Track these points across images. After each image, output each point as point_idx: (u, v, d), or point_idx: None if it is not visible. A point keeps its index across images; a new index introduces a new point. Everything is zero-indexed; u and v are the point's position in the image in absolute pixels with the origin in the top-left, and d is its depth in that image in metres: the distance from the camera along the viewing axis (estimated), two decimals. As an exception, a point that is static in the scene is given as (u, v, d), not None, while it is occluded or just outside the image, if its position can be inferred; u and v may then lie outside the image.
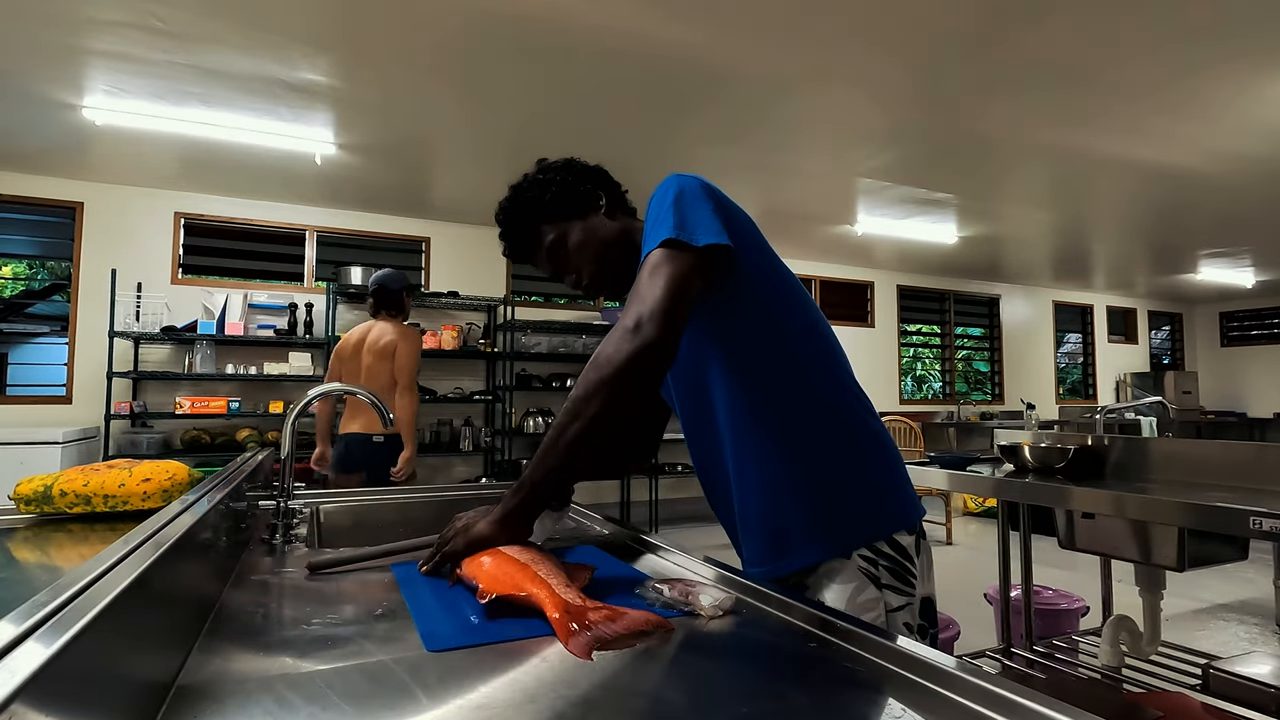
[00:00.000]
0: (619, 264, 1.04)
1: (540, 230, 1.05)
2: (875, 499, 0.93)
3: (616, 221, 1.06)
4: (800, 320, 0.97)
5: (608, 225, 1.04)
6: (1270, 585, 2.99)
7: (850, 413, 0.96)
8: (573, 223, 1.04)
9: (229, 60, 2.89)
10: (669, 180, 0.93)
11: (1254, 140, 3.75)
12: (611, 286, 1.06)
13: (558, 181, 1.05)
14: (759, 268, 0.94)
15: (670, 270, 0.83)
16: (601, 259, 1.04)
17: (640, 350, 0.80)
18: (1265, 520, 1.23)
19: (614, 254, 1.04)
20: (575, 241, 1.03)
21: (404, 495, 1.56)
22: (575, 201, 1.04)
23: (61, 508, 1.04)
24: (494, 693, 0.54)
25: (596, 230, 1.04)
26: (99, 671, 0.41)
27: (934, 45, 2.82)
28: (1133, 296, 9.13)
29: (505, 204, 1.07)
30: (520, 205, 1.06)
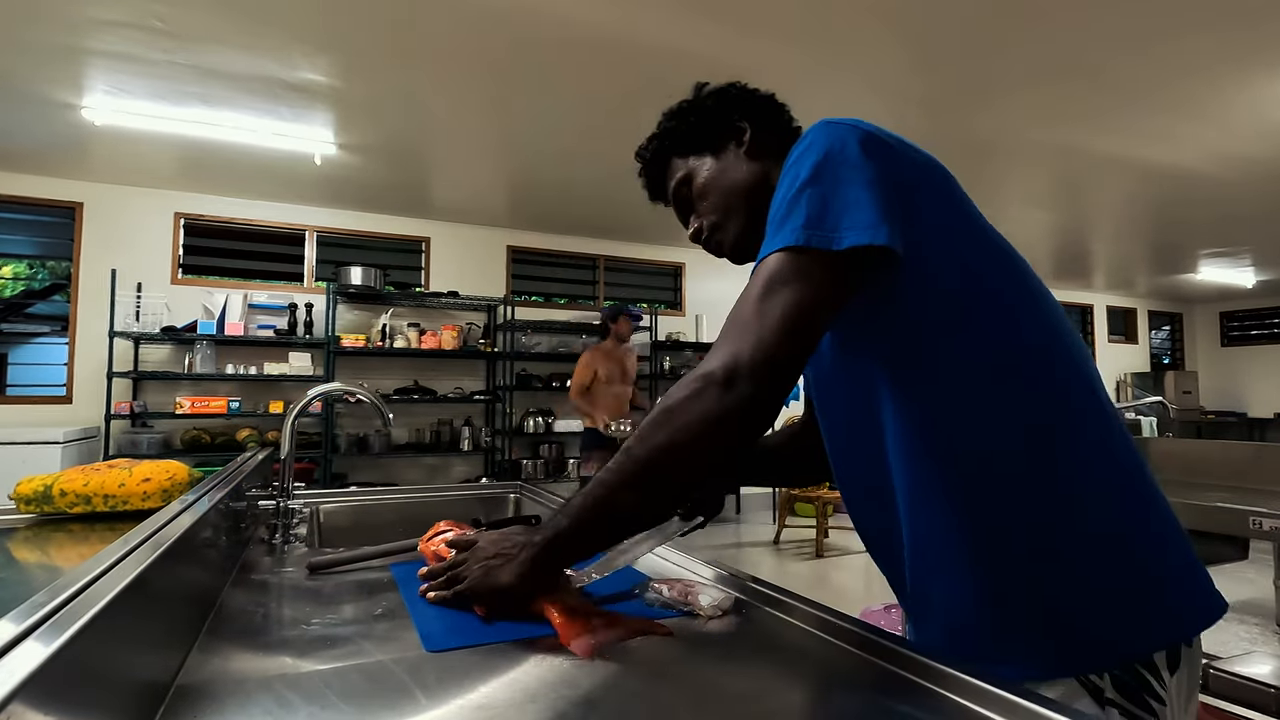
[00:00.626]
0: (749, 218, 0.80)
1: (670, 164, 0.87)
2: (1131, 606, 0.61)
3: (760, 165, 0.80)
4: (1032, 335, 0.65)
5: (745, 167, 0.81)
6: (1270, 585, 2.99)
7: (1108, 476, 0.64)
8: (704, 159, 0.83)
9: (229, 60, 2.89)
10: (815, 132, 0.66)
11: (1254, 140, 3.75)
12: (734, 243, 0.83)
13: (698, 108, 0.85)
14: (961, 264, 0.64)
15: (791, 297, 0.60)
16: (727, 209, 0.81)
17: (730, 414, 0.60)
18: (1265, 520, 1.24)
19: (744, 204, 0.80)
20: (701, 183, 0.83)
21: (404, 495, 1.56)
22: (713, 133, 0.83)
23: (61, 508, 1.04)
24: (494, 692, 0.54)
25: (728, 172, 0.81)
26: (99, 671, 0.41)
27: (934, 45, 2.82)
28: (1133, 296, 9.13)
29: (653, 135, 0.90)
30: (658, 135, 0.88)
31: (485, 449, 5.27)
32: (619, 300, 6.22)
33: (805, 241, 0.60)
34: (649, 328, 5.86)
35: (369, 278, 4.80)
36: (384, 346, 4.93)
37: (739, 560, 4.31)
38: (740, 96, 0.84)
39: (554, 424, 5.41)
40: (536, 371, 5.54)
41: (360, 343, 4.88)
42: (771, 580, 0.79)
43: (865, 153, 0.63)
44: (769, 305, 0.60)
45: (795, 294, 0.60)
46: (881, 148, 0.64)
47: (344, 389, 1.31)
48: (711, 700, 0.55)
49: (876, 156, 0.63)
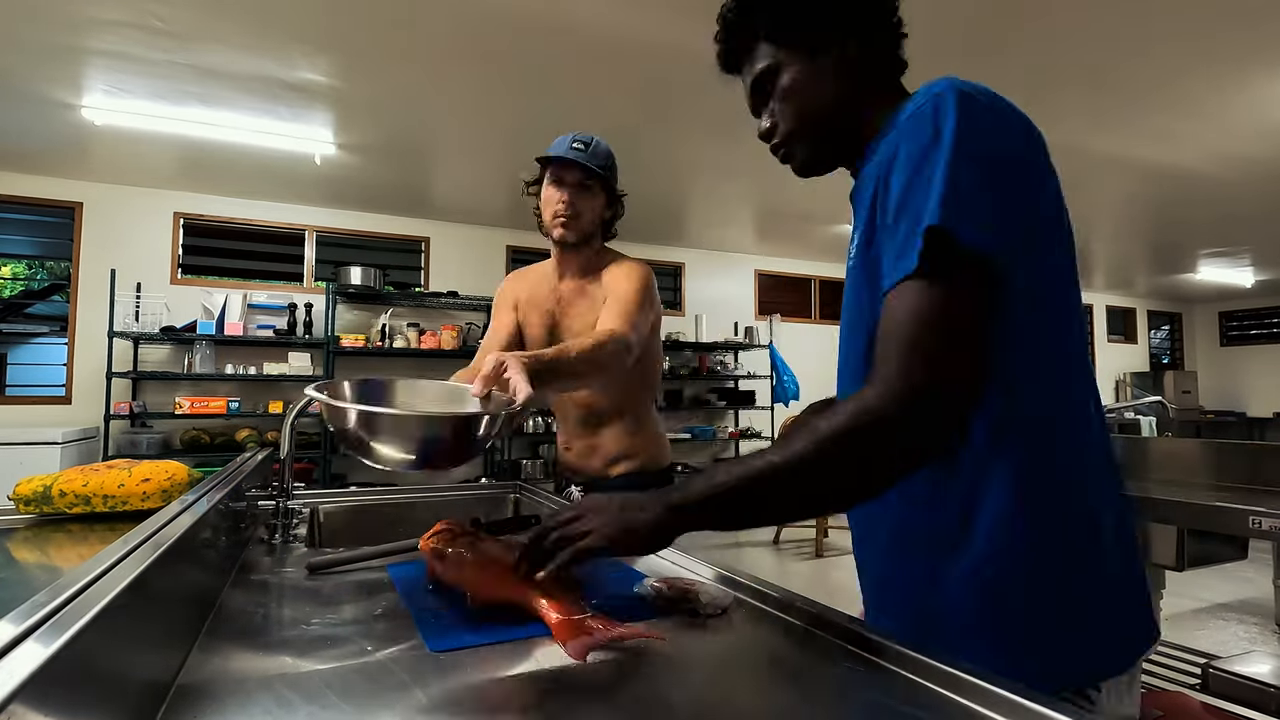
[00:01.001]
0: (830, 137, 0.77)
1: (756, 47, 0.78)
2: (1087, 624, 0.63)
3: (857, 81, 0.75)
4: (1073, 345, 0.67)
5: (839, 81, 0.75)
6: (1270, 584, 2.99)
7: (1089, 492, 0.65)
8: (796, 56, 0.75)
9: (229, 60, 2.89)
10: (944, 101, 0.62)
11: (1253, 139, 3.75)
12: (806, 161, 0.80)
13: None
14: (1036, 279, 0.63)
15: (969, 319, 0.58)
16: (807, 120, 0.77)
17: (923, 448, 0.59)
18: (1264, 520, 1.24)
19: (829, 123, 0.76)
20: (788, 82, 0.76)
21: (403, 495, 1.56)
22: (813, 29, 0.75)
23: (61, 508, 1.04)
24: (494, 692, 0.54)
25: (820, 81, 0.75)
26: (99, 671, 0.41)
27: (933, 46, 2.82)
28: (1132, 296, 9.13)
29: None
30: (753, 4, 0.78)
31: (485, 449, 5.26)
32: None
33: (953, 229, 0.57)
34: (649, 328, 5.85)
35: (369, 278, 4.80)
36: (384, 346, 4.93)
37: (739, 560, 4.32)
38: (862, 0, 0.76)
39: (554, 424, 5.40)
40: (536, 371, 5.53)
41: (360, 343, 4.88)
42: (771, 580, 0.79)
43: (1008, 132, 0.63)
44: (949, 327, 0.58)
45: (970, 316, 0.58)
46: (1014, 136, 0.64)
47: (344, 389, 1.31)
48: (711, 700, 0.55)
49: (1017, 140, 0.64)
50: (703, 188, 4.71)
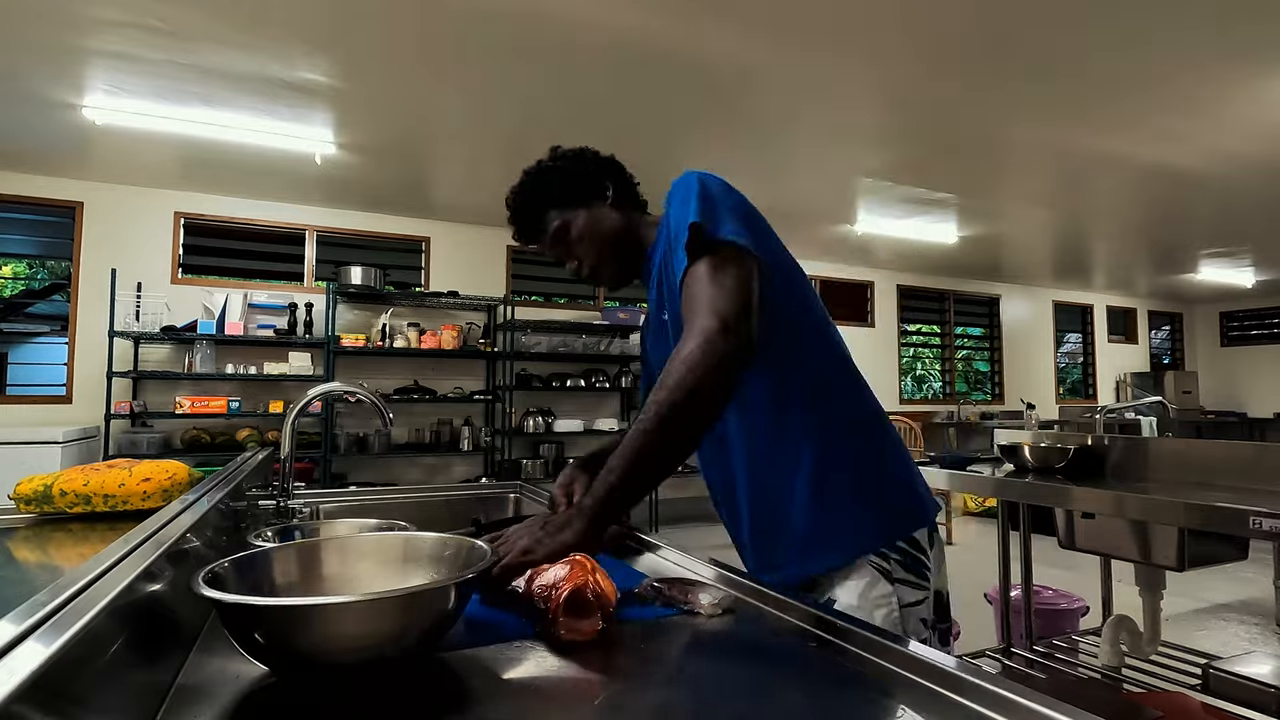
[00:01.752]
0: (621, 256, 1.05)
1: (546, 216, 1.05)
2: (895, 498, 0.93)
3: (622, 214, 1.06)
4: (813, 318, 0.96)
5: (613, 217, 1.05)
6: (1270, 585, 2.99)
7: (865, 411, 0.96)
8: (578, 211, 1.04)
9: (229, 60, 2.89)
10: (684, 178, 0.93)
11: (1254, 139, 3.75)
12: (611, 277, 1.07)
13: (566, 170, 1.06)
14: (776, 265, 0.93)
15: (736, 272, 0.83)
16: (603, 250, 1.04)
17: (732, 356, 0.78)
18: (1265, 520, 1.23)
19: (617, 246, 1.04)
20: (578, 230, 1.04)
21: (404, 495, 1.56)
22: (582, 190, 1.05)
23: (61, 507, 1.04)
24: (494, 692, 0.54)
25: (601, 221, 1.04)
26: (99, 671, 0.41)
27: (934, 46, 2.82)
28: (1133, 296, 9.13)
29: (516, 187, 1.08)
30: (529, 190, 1.06)
31: (485, 449, 5.27)
32: (619, 300, 6.23)
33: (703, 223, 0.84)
34: (649, 327, 5.86)
35: (369, 277, 4.80)
36: (384, 346, 4.93)
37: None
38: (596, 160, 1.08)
39: (554, 424, 5.41)
40: (536, 371, 5.54)
41: (360, 342, 4.88)
42: (771, 580, 0.79)
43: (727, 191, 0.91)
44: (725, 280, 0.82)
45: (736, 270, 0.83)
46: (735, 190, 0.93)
47: (344, 389, 1.31)
48: (711, 700, 0.55)
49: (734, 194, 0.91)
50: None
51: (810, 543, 0.91)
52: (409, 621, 0.54)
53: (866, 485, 0.92)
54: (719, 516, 1.06)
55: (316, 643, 0.51)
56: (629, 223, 1.05)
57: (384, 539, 0.73)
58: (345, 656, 0.52)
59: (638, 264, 1.07)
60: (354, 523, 1.04)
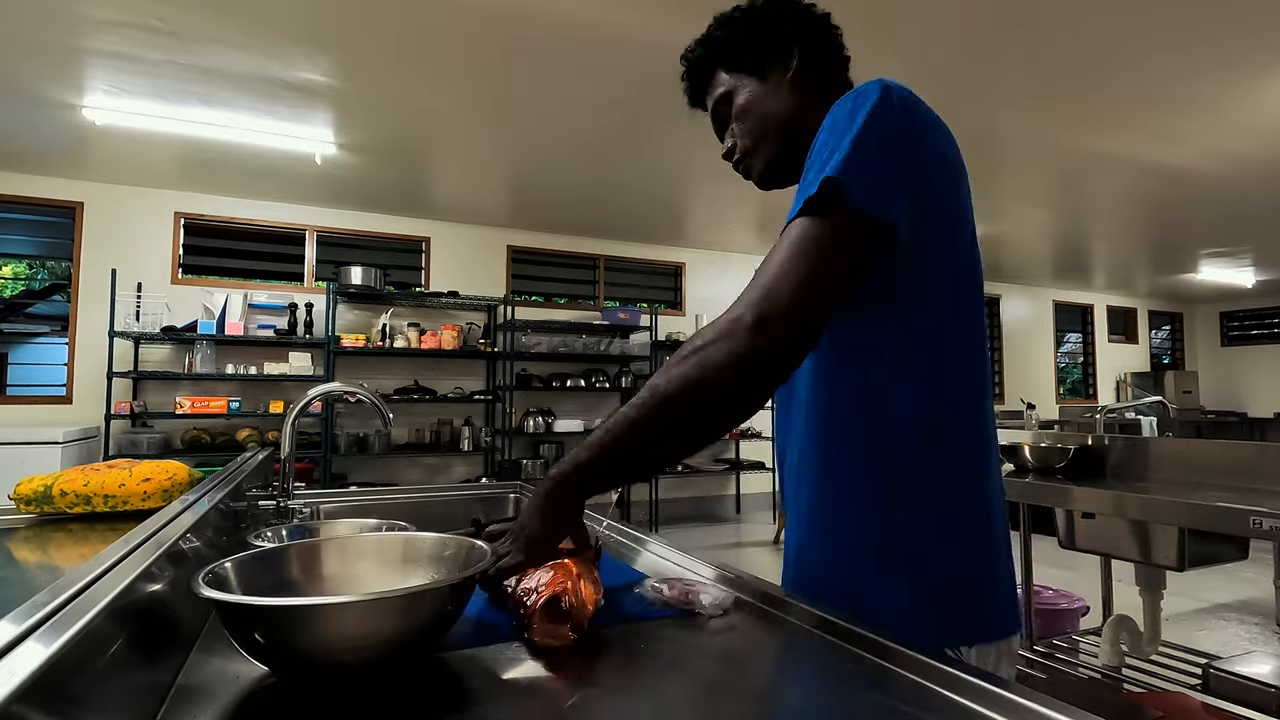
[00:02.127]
0: (783, 150, 0.83)
1: (714, 77, 0.87)
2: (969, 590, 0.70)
3: (803, 94, 0.81)
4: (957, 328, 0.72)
5: (788, 97, 0.81)
6: (1270, 585, 2.99)
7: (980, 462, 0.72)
8: (748, 79, 0.83)
9: (229, 60, 2.89)
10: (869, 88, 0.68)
11: (1254, 139, 3.75)
12: (762, 172, 0.85)
13: (752, 22, 0.84)
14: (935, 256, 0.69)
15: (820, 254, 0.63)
16: (763, 136, 0.83)
17: (756, 356, 0.62)
18: (1265, 520, 1.23)
19: (780, 135, 0.82)
20: (741, 103, 0.83)
21: (404, 495, 1.56)
22: (763, 53, 0.83)
23: (61, 508, 1.04)
24: (494, 692, 0.54)
25: (770, 98, 0.82)
26: (99, 671, 0.41)
27: (934, 46, 2.82)
28: (1133, 296, 9.13)
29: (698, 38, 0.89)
30: (705, 41, 0.87)
31: (485, 449, 5.27)
32: (619, 300, 6.23)
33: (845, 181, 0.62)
34: (649, 327, 5.86)
35: (369, 278, 4.80)
36: (384, 346, 4.93)
37: (739, 560, 4.31)
38: (797, 17, 0.83)
39: (554, 424, 5.41)
40: (536, 371, 5.54)
41: (360, 343, 4.88)
42: (772, 580, 0.79)
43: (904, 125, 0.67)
44: (801, 259, 0.63)
45: (825, 252, 0.63)
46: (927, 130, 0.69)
47: (344, 389, 1.31)
48: (713, 700, 0.55)
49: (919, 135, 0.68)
50: (703, 188, 4.71)
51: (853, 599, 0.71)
52: (409, 621, 0.54)
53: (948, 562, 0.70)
54: None
55: (316, 643, 0.51)
56: (807, 108, 0.80)
57: (384, 539, 0.73)
58: (345, 656, 0.52)
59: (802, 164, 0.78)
60: (353, 523, 1.04)
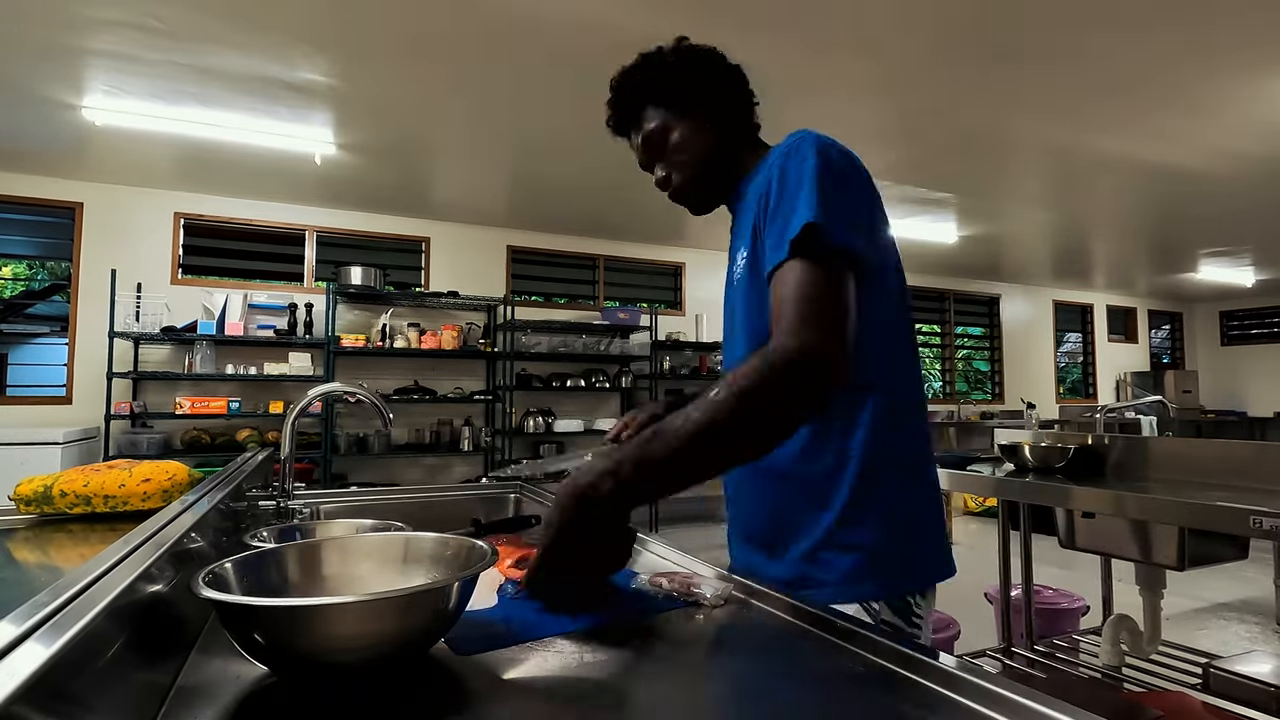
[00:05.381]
0: (715, 181, 0.94)
1: (646, 111, 0.94)
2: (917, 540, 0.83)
3: (729, 135, 0.93)
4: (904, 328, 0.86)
5: (719, 135, 0.92)
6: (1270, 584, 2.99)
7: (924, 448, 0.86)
8: (682, 118, 0.92)
9: (228, 60, 2.89)
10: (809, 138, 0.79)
11: (1254, 138, 3.75)
12: (696, 201, 0.96)
13: (688, 68, 0.92)
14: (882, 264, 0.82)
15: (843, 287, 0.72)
16: (699, 169, 0.93)
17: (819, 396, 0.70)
18: (1265, 519, 1.23)
19: (713, 169, 0.93)
20: (677, 139, 0.92)
21: (404, 495, 1.56)
22: (693, 96, 0.92)
23: (61, 508, 1.04)
24: (494, 692, 0.54)
25: (705, 136, 0.91)
26: (99, 671, 0.41)
27: (934, 45, 2.82)
28: (1133, 296, 9.13)
29: (626, 70, 0.95)
30: (637, 77, 0.94)
31: (485, 449, 5.27)
32: (619, 300, 6.22)
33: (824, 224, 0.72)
34: (649, 327, 5.87)
35: (369, 278, 4.80)
36: (384, 346, 4.93)
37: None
38: (721, 67, 0.93)
39: (554, 424, 5.41)
40: (536, 371, 5.54)
41: (360, 343, 4.88)
42: (772, 580, 0.79)
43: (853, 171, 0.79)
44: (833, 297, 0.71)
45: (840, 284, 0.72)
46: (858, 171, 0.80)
47: (344, 389, 1.31)
48: (715, 700, 0.55)
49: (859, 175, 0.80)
50: (703, 187, 4.71)
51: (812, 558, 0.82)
52: (409, 622, 0.54)
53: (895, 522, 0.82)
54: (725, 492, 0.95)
55: (317, 643, 0.51)
56: (734, 146, 0.93)
57: (384, 539, 0.72)
58: (345, 657, 0.52)
59: (727, 193, 0.95)
60: (350, 523, 1.04)
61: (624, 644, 0.64)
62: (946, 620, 2.40)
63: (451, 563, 0.68)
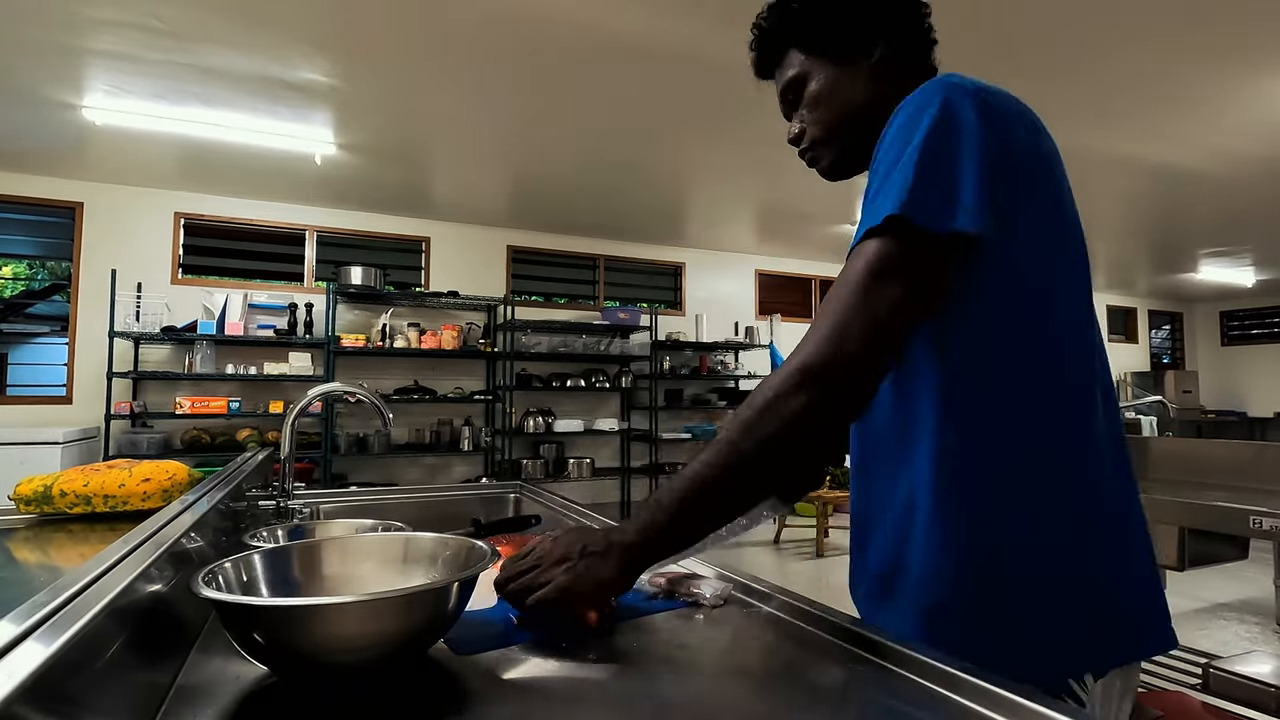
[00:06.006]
0: (856, 143, 0.77)
1: (787, 55, 0.80)
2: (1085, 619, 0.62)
3: (882, 86, 0.76)
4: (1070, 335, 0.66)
5: (867, 88, 0.76)
6: (1270, 584, 2.99)
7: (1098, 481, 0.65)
8: (826, 64, 0.77)
9: (229, 60, 2.89)
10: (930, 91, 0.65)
11: (1254, 139, 3.75)
12: (831, 165, 0.81)
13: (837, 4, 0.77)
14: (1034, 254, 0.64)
15: (891, 292, 0.60)
16: (834, 126, 0.78)
17: (828, 407, 0.61)
18: (1265, 519, 1.23)
19: (855, 128, 0.76)
20: (815, 89, 0.78)
21: (404, 495, 1.56)
22: (843, 38, 0.76)
23: (61, 508, 1.04)
24: (494, 692, 0.54)
25: (848, 88, 0.76)
26: (99, 671, 0.41)
27: (934, 45, 2.82)
28: (1133, 296, 9.13)
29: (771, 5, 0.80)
30: (782, 12, 0.79)
31: (485, 449, 5.27)
32: (619, 300, 6.22)
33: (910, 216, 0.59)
34: (649, 327, 5.87)
35: (369, 278, 4.80)
36: (384, 346, 4.93)
37: (739, 560, 4.31)
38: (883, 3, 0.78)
39: (554, 424, 5.41)
40: (536, 371, 5.54)
41: (360, 343, 4.88)
42: (772, 580, 0.79)
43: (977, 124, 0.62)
44: (871, 298, 0.60)
45: (896, 289, 0.60)
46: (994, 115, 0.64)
47: (344, 389, 1.31)
48: (714, 700, 0.55)
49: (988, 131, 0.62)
50: (703, 188, 4.71)
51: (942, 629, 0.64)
52: (409, 622, 0.54)
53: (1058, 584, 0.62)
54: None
55: (316, 643, 0.51)
56: (888, 98, 0.73)
57: (384, 539, 0.72)
58: (345, 656, 0.52)
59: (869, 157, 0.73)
60: (350, 523, 1.04)
61: (624, 644, 0.64)
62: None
63: (451, 563, 0.68)
